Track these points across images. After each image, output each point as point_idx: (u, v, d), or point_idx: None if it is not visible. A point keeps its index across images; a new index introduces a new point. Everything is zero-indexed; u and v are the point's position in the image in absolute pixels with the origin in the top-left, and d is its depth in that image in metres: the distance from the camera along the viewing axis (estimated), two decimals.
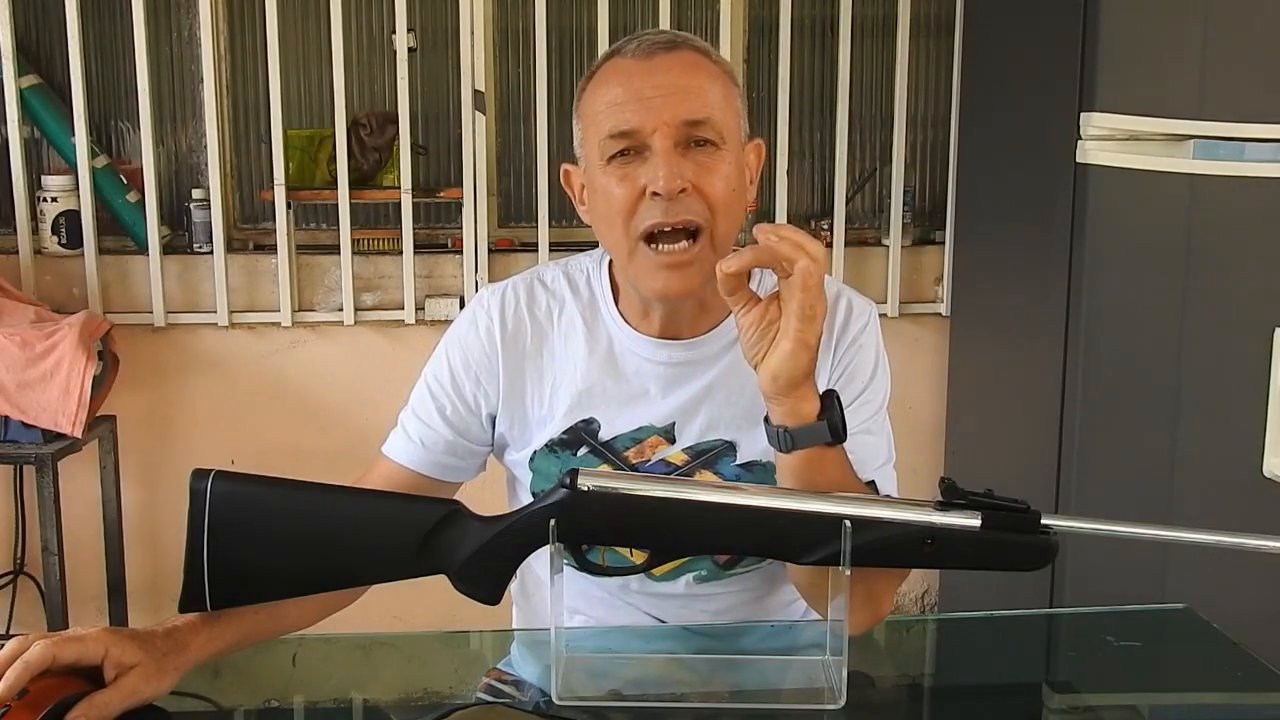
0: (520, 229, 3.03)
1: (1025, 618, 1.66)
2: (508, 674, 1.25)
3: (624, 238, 1.22)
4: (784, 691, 1.15)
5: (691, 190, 1.19)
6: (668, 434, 1.31)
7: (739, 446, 1.30)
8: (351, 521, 1.10)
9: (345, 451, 2.86)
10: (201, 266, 2.86)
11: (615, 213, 1.21)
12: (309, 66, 2.97)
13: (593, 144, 1.23)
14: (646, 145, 1.19)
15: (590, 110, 1.24)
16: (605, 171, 1.22)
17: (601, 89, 1.23)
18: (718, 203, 1.20)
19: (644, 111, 1.19)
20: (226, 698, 1.17)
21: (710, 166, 1.20)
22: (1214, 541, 1.08)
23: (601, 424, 1.31)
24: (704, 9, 3.01)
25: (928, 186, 3.13)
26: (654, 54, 1.21)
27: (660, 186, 1.17)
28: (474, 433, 1.34)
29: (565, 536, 1.08)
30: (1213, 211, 2.25)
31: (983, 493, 1.08)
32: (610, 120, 1.20)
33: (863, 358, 1.31)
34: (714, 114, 1.20)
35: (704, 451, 1.30)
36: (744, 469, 1.30)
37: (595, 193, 1.25)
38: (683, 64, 1.22)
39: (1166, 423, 2.30)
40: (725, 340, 1.30)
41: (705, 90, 1.21)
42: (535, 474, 1.33)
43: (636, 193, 1.20)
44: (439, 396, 1.34)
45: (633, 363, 1.31)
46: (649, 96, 1.19)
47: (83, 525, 2.78)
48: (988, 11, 2.77)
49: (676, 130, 1.19)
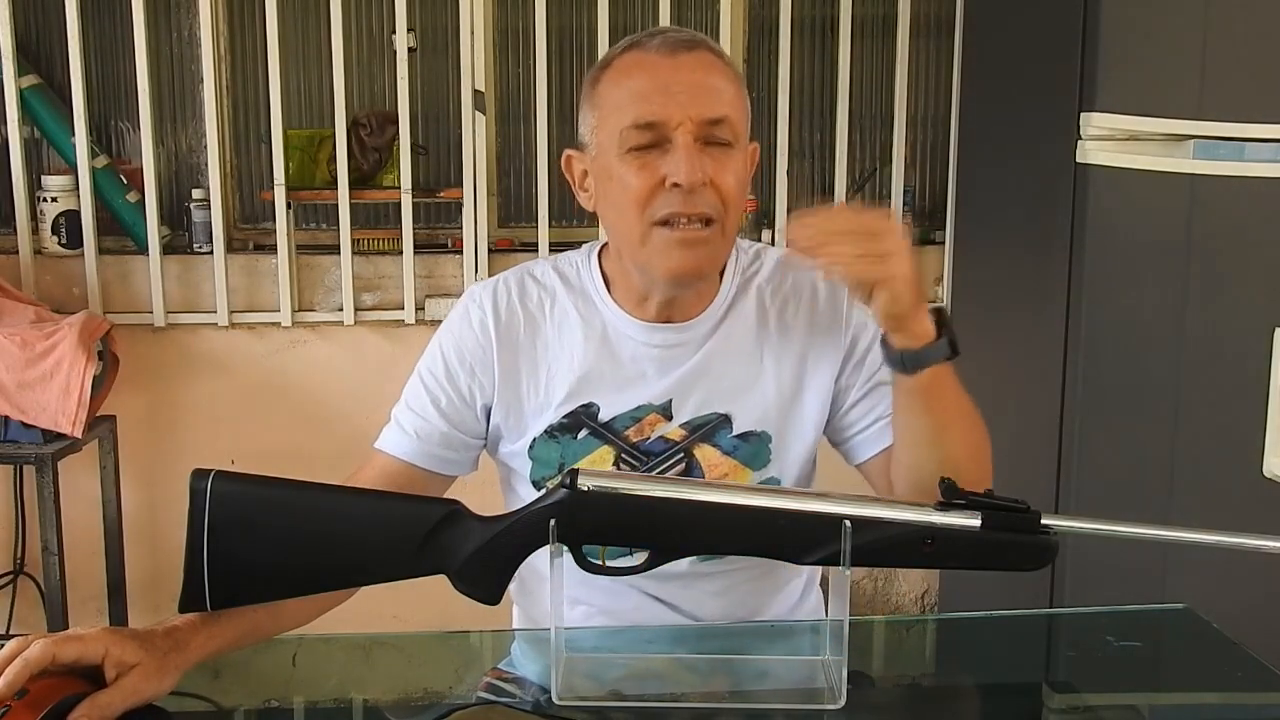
0: (520, 229, 3.03)
1: (1025, 618, 1.66)
2: (508, 673, 1.25)
3: (637, 223, 1.25)
4: (784, 691, 1.15)
5: (709, 184, 1.23)
6: (665, 411, 1.33)
7: (734, 418, 1.34)
8: (351, 521, 1.10)
9: (345, 451, 2.83)
10: (201, 266, 2.86)
11: (631, 200, 1.24)
12: (309, 66, 2.97)
13: (610, 131, 1.26)
14: (668, 138, 1.23)
15: (610, 98, 1.27)
16: (623, 160, 1.25)
17: (625, 79, 1.26)
18: (730, 198, 1.25)
19: (670, 105, 1.22)
20: (226, 698, 1.17)
21: (725, 164, 1.24)
22: (1214, 541, 1.08)
23: (601, 407, 1.33)
24: (704, 9, 3.01)
25: (928, 186, 3.14)
26: (678, 51, 1.25)
27: (683, 179, 1.21)
28: (469, 425, 1.35)
29: (565, 536, 1.08)
30: (1213, 211, 2.25)
31: (983, 493, 1.08)
32: (635, 110, 1.23)
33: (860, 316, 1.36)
34: (731, 114, 1.25)
35: (701, 425, 1.33)
36: (740, 439, 1.33)
37: (609, 179, 1.27)
38: (705, 64, 1.26)
39: (1166, 423, 2.30)
40: (714, 320, 1.35)
41: (724, 91, 1.26)
42: (535, 462, 1.35)
43: (655, 182, 1.23)
44: (433, 389, 1.35)
45: (629, 347, 1.34)
46: (675, 91, 1.23)
47: (83, 525, 2.78)
48: (988, 11, 2.77)
49: (699, 127, 1.23)
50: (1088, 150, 2.26)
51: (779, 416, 1.34)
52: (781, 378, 1.35)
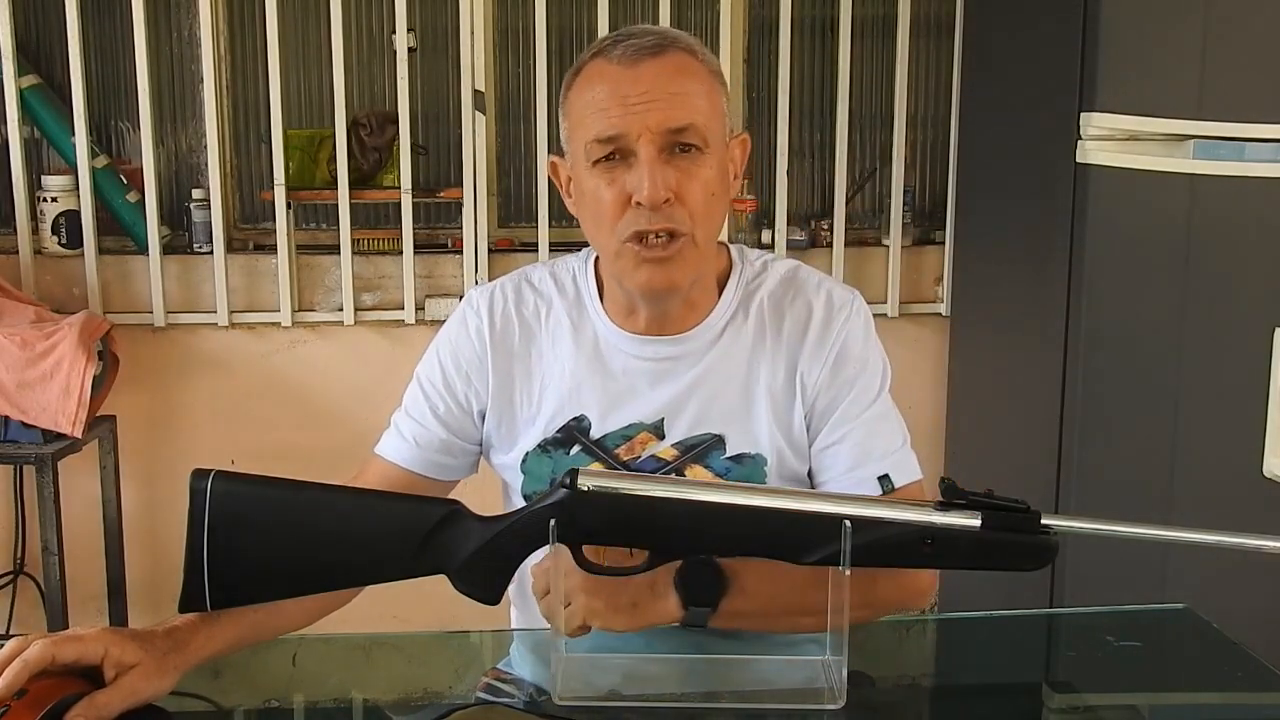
0: (520, 229, 3.03)
1: (1025, 618, 1.66)
2: (507, 674, 1.25)
3: (610, 238, 1.24)
4: (784, 691, 1.15)
5: (674, 200, 1.21)
6: (657, 430, 1.31)
7: (728, 440, 1.30)
8: (351, 521, 1.10)
9: (345, 451, 2.82)
10: (201, 266, 2.86)
11: (602, 215, 1.23)
12: (309, 66, 2.97)
13: (578, 143, 1.25)
14: (631, 151, 1.21)
15: (575, 110, 1.25)
16: (592, 174, 1.23)
17: (586, 90, 1.24)
18: (697, 209, 1.22)
19: (629, 118, 1.20)
20: (226, 698, 1.17)
21: (692, 173, 1.22)
22: (1214, 541, 1.08)
23: (592, 421, 1.31)
24: (704, 9, 3.01)
25: (928, 186, 3.13)
26: (640, 60, 1.21)
27: (644, 198, 1.19)
28: (467, 431, 1.35)
29: (565, 536, 1.08)
30: (1213, 211, 2.25)
31: (983, 493, 1.08)
32: (596, 125, 1.21)
33: (848, 349, 1.31)
34: (697, 119, 1.21)
35: (693, 446, 1.31)
36: (734, 461, 1.30)
37: (583, 193, 1.26)
38: (668, 70, 1.22)
39: (1166, 423, 2.30)
40: (710, 335, 1.31)
41: (690, 96, 1.22)
42: (527, 476, 1.33)
43: (623, 199, 1.22)
44: (431, 396, 1.35)
45: (619, 360, 1.32)
46: (633, 103, 1.20)
47: (83, 525, 2.78)
48: (988, 11, 2.77)
49: (661, 137, 1.20)
50: (1088, 150, 2.26)
51: (773, 439, 1.30)
52: (776, 398, 1.30)
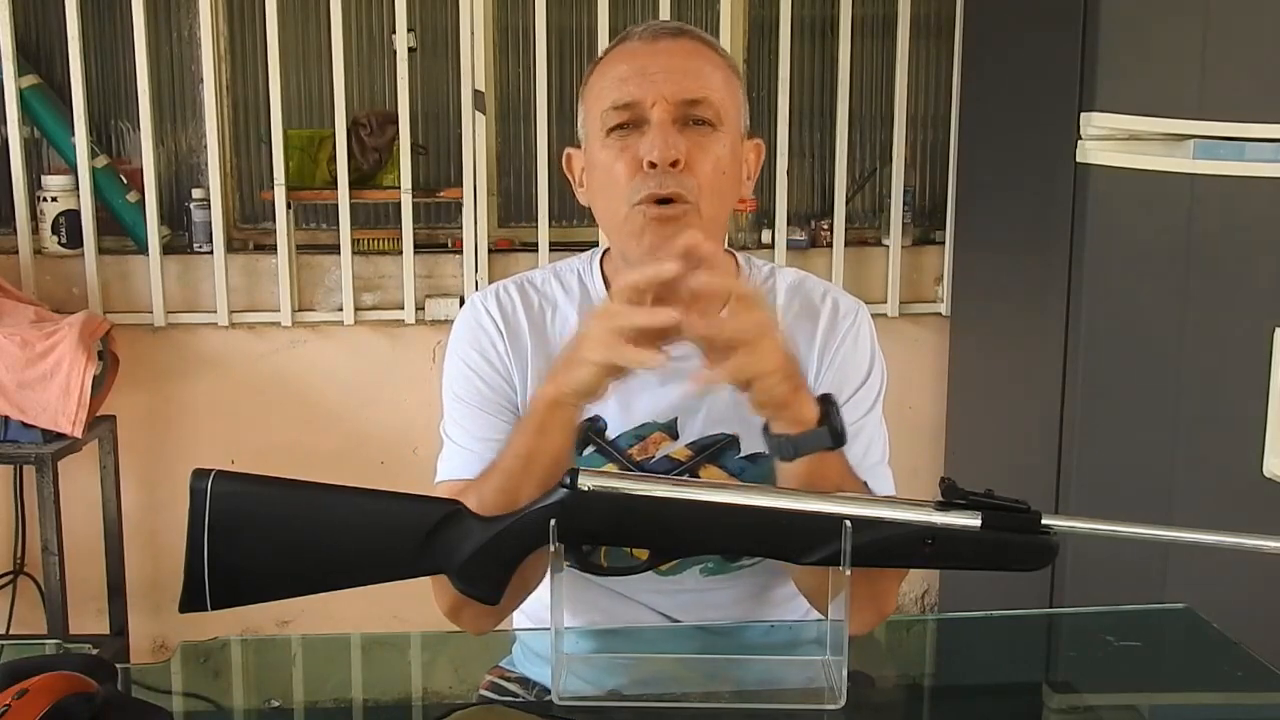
0: (520, 229, 3.03)
1: (1025, 618, 1.66)
2: (508, 673, 1.25)
3: (621, 206, 1.24)
4: (784, 691, 1.15)
5: (685, 165, 1.22)
6: (670, 430, 1.30)
7: (742, 439, 1.30)
8: (352, 521, 1.10)
9: (345, 451, 2.86)
10: (201, 266, 2.86)
11: (612, 183, 1.24)
12: (309, 66, 2.97)
13: (594, 118, 1.27)
14: (645, 119, 1.23)
15: (595, 87, 1.28)
16: (605, 145, 1.25)
17: (608, 67, 1.28)
18: (706, 180, 1.23)
19: (645, 85, 1.23)
20: (226, 698, 1.17)
21: (704, 146, 1.24)
22: (1214, 541, 1.08)
23: (607, 421, 1.30)
24: (704, 9, 3.01)
25: (928, 186, 3.13)
26: (660, 37, 1.28)
27: (655, 156, 1.21)
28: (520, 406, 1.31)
29: (565, 536, 1.08)
30: (1213, 211, 2.25)
31: (983, 493, 1.08)
32: (613, 93, 1.24)
33: (851, 357, 1.32)
34: (712, 95, 1.24)
35: (707, 446, 1.30)
36: (748, 461, 1.30)
37: (595, 167, 1.27)
38: (686, 49, 1.27)
39: (1166, 423, 2.30)
40: None
41: (706, 73, 1.26)
42: None
43: (634, 166, 1.23)
44: (471, 398, 1.31)
45: None
46: (652, 72, 1.24)
47: (83, 525, 2.78)
48: (988, 11, 2.77)
49: (675, 107, 1.23)
50: (1088, 150, 2.26)
51: None
52: None
